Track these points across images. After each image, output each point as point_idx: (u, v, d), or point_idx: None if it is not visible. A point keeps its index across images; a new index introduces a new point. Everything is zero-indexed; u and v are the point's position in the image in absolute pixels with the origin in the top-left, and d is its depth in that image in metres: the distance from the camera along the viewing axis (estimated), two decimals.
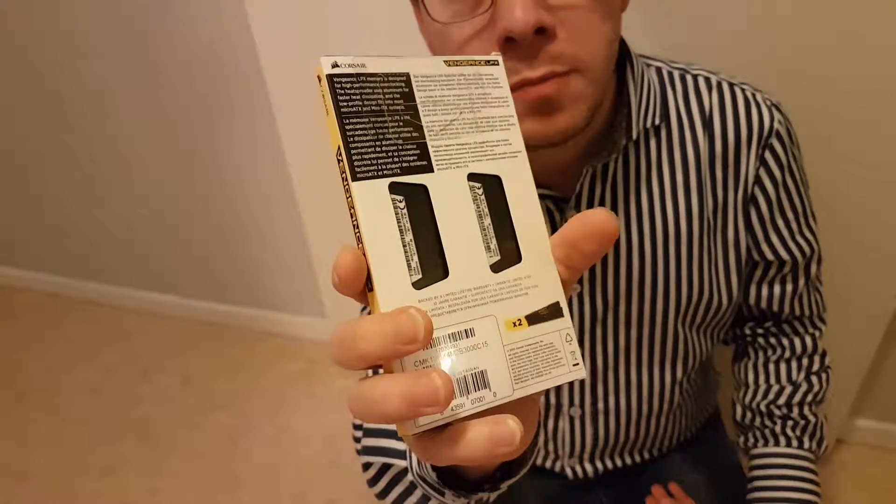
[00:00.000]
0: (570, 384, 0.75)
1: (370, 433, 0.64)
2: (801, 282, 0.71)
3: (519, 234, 0.33)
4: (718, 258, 0.66)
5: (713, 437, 0.89)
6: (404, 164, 0.31)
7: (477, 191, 0.33)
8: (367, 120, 0.30)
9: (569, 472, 0.83)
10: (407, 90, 0.32)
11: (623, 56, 0.61)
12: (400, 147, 0.31)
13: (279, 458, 1.47)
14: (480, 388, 0.30)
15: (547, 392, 0.75)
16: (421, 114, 0.32)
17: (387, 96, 0.31)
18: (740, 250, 0.66)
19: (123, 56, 1.49)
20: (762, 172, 0.64)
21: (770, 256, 0.67)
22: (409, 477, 0.59)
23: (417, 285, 0.30)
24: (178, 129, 1.56)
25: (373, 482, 0.65)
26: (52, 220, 1.90)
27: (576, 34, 0.49)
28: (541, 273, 0.33)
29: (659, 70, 0.65)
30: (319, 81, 0.31)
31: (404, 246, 0.30)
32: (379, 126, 0.31)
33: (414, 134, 0.31)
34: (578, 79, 0.51)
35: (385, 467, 0.63)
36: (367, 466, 0.65)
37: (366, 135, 0.30)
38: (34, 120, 1.71)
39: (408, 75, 0.32)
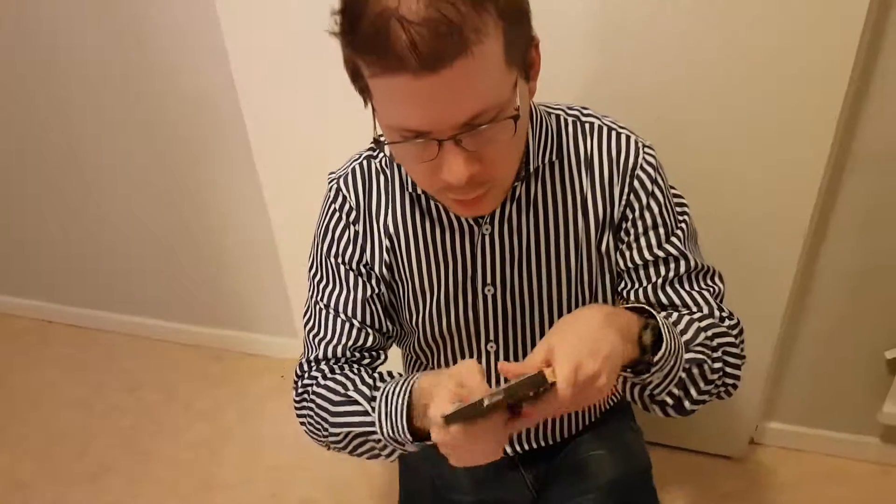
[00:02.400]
0: (488, 375, 0.92)
1: (338, 415, 0.81)
2: (682, 272, 0.84)
3: None
4: (594, 261, 0.84)
5: (619, 421, 1.05)
6: None
7: None
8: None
9: None
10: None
11: None
12: None
13: (254, 462, 1.61)
14: None
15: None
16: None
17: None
18: (610, 256, 0.84)
19: (119, 105, 1.67)
20: (632, 197, 0.82)
21: (639, 261, 0.84)
22: (377, 436, 0.77)
23: None
24: (166, 168, 1.73)
25: (331, 438, 0.83)
26: (43, 251, 2.06)
27: (497, 164, 0.69)
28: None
29: (557, 117, 0.84)
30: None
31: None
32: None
33: None
34: (499, 187, 0.74)
35: (350, 433, 0.80)
36: (317, 417, 0.83)
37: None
38: (31, 160, 1.87)
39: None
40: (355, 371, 0.84)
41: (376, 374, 0.83)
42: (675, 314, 0.80)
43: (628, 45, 1.10)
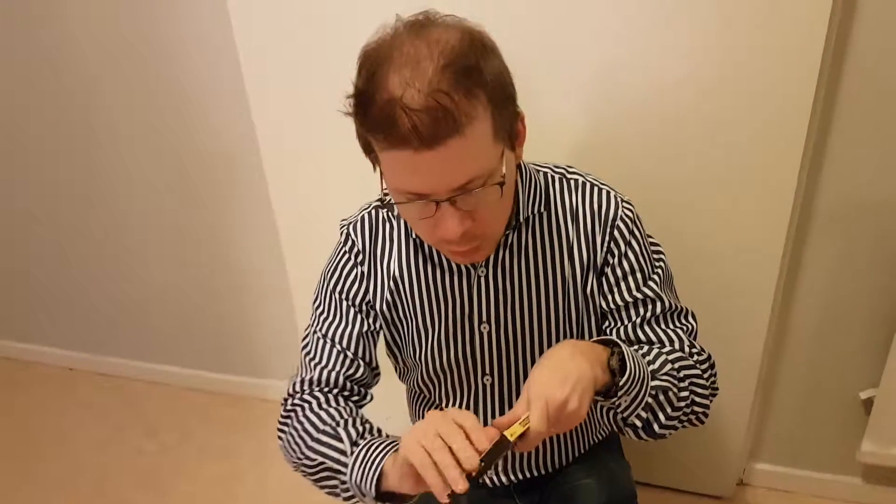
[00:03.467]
0: (484, 408, 1.02)
1: (319, 442, 0.89)
2: (658, 312, 0.94)
3: None
4: (580, 302, 0.95)
5: (608, 452, 1.14)
6: None
7: None
8: None
9: (487, 482, 1.08)
10: None
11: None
12: None
13: (264, 501, 1.69)
14: None
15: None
16: None
17: None
18: (595, 298, 0.95)
19: (146, 161, 1.81)
20: (611, 245, 0.93)
21: (620, 303, 0.94)
22: (343, 477, 0.84)
23: None
24: (188, 222, 1.87)
25: (302, 459, 0.90)
26: (69, 301, 2.18)
27: (487, 222, 0.81)
28: None
29: (545, 174, 0.96)
30: None
31: None
32: None
33: None
34: (490, 240, 0.86)
35: (322, 463, 0.88)
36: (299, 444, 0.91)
37: None
38: (58, 210, 2.01)
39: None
40: (349, 411, 0.92)
41: (368, 425, 0.91)
42: (647, 348, 0.90)
43: (613, 117, 1.23)
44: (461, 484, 0.66)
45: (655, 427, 0.86)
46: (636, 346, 0.90)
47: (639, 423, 0.84)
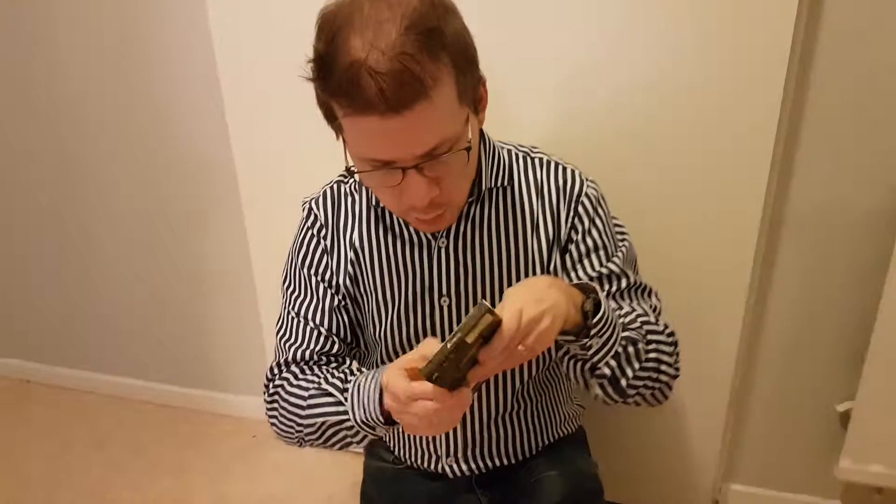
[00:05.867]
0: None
1: (312, 406, 0.87)
2: (623, 287, 0.92)
3: None
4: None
5: (573, 448, 1.09)
6: None
7: None
8: None
9: (448, 470, 1.03)
10: None
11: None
12: None
13: None
14: None
15: None
16: None
17: None
18: (558, 274, 0.92)
19: (114, 171, 1.77)
20: (576, 221, 0.91)
21: (584, 277, 0.92)
22: (349, 423, 0.83)
23: None
24: (152, 231, 1.82)
25: (305, 431, 0.89)
26: (23, 310, 2.11)
27: (453, 188, 0.80)
28: None
29: (509, 151, 0.95)
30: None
31: None
32: None
33: None
34: (455, 206, 0.85)
35: (325, 423, 0.86)
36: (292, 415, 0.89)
37: None
38: (14, 219, 1.96)
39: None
40: (324, 370, 0.91)
41: (345, 370, 0.89)
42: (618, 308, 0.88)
43: (581, 119, 1.22)
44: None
45: (623, 382, 0.83)
46: None
47: (607, 372, 0.82)
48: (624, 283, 0.91)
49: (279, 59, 1.32)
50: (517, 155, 0.94)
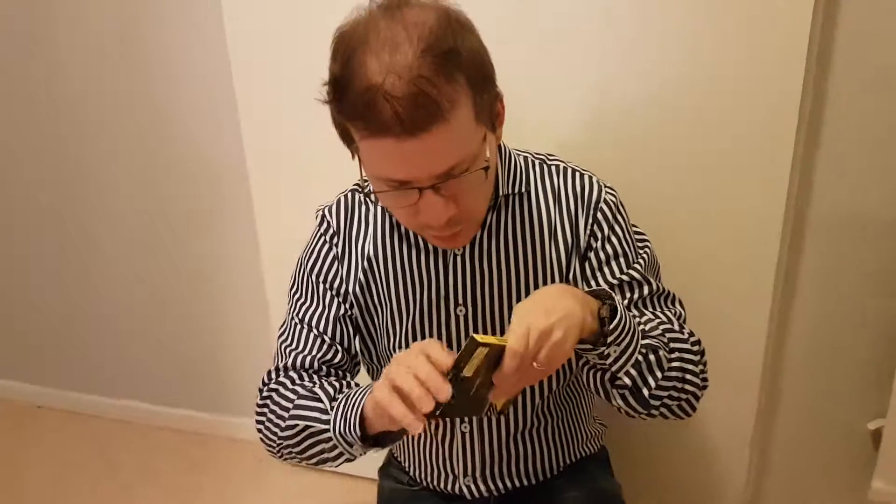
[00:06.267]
0: None
1: (298, 408, 0.84)
2: (646, 294, 0.89)
3: None
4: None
5: (596, 468, 1.06)
6: None
7: None
8: None
9: (465, 491, 0.99)
10: None
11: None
12: None
13: None
14: None
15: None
16: None
17: None
18: (577, 283, 0.90)
19: (127, 168, 1.75)
20: (595, 228, 0.89)
21: (605, 285, 0.89)
22: (328, 435, 0.80)
23: None
24: (163, 252, 1.80)
25: (284, 434, 0.85)
26: (36, 333, 2.08)
27: (471, 205, 0.79)
28: None
29: (526, 158, 0.93)
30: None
31: None
32: None
33: None
34: (472, 224, 0.84)
35: (306, 428, 0.83)
36: (278, 419, 0.86)
37: None
38: (27, 242, 1.94)
39: None
40: (322, 380, 0.88)
41: (343, 382, 0.87)
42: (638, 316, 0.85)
43: (601, 126, 1.20)
44: (427, 402, 0.63)
45: (645, 392, 0.79)
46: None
47: (628, 382, 0.78)
48: (646, 290, 0.88)
49: (294, 64, 1.30)
50: (533, 162, 0.93)
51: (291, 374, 0.90)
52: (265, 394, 0.91)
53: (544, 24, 1.17)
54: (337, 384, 0.85)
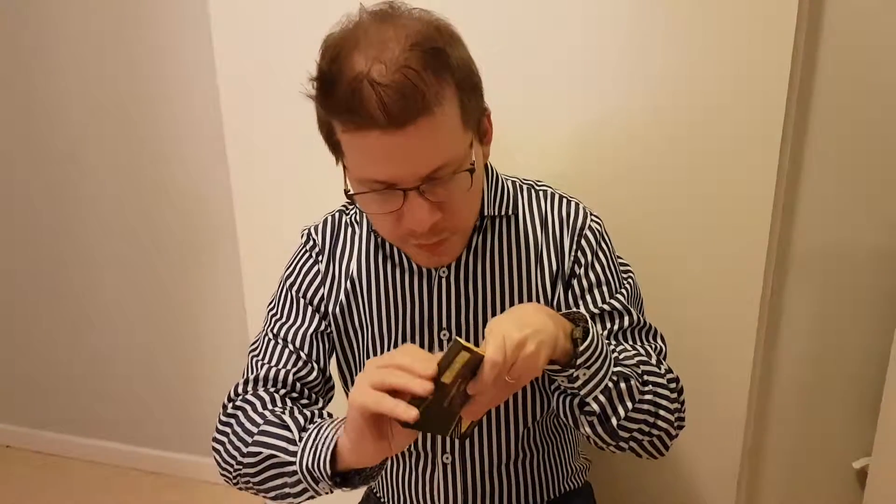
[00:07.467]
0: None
1: (264, 434, 0.79)
2: (626, 326, 0.88)
3: None
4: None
5: (583, 501, 1.03)
6: None
7: None
8: None
9: None
10: None
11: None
12: None
13: None
14: None
15: (424, 440, 0.93)
16: None
17: None
18: (560, 309, 0.89)
19: (118, 206, 1.76)
20: (579, 254, 0.89)
21: (586, 312, 0.89)
22: (292, 468, 0.75)
23: None
24: (144, 290, 1.79)
25: (244, 460, 0.79)
26: (8, 372, 2.05)
27: (455, 213, 0.78)
28: None
29: (514, 182, 0.93)
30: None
31: None
32: None
33: None
34: (458, 236, 0.83)
35: (269, 457, 0.77)
36: (242, 445, 0.80)
37: None
38: (22, 279, 1.94)
39: None
40: (295, 404, 0.84)
41: (315, 410, 0.83)
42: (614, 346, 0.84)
43: (589, 168, 1.22)
44: (419, 386, 0.61)
45: (613, 421, 0.77)
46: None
47: (596, 409, 0.76)
48: (627, 321, 0.88)
49: (282, 91, 1.30)
50: (521, 186, 0.93)
51: (261, 392, 0.85)
52: (230, 411, 0.85)
53: (529, 41, 1.17)
54: (308, 413, 0.81)
